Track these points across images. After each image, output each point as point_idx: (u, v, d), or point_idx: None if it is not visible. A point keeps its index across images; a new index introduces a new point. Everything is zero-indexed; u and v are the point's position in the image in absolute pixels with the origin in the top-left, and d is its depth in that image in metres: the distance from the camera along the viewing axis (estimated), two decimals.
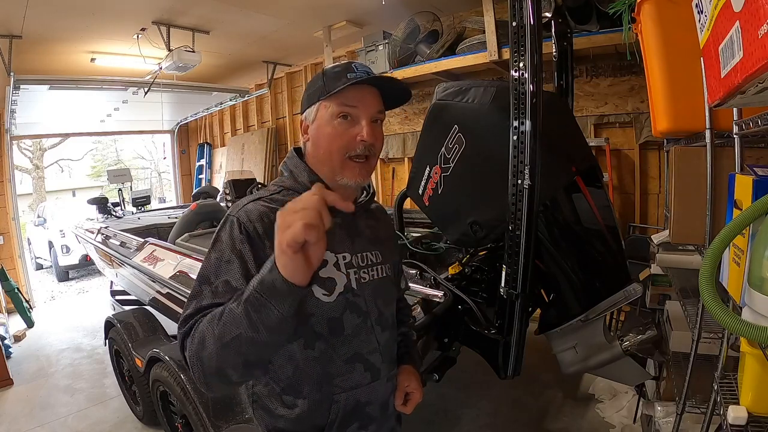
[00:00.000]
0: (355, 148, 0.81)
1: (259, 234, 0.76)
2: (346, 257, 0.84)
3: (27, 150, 12.41)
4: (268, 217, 0.78)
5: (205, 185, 6.51)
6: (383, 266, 0.91)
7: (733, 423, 0.90)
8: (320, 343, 0.81)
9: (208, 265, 0.76)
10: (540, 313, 1.71)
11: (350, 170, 0.82)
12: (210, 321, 0.66)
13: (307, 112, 0.86)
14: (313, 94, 0.85)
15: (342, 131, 0.81)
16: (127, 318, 2.52)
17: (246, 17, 3.56)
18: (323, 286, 0.80)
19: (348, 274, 0.84)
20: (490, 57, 3.01)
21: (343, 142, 0.81)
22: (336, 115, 0.81)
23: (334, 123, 0.81)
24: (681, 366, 1.59)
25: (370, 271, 0.88)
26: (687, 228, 1.35)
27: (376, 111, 0.83)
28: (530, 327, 1.55)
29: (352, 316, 0.83)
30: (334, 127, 0.81)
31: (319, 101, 0.83)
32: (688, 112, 1.29)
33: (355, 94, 0.81)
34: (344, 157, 0.81)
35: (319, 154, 0.84)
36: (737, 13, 0.62)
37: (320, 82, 0.84)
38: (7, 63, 3.43)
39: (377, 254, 0.91)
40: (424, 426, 2.28)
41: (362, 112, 0.82)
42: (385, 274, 0.92)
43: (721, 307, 0.61)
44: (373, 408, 0.87)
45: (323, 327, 0.80)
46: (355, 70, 0.82)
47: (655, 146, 2.88)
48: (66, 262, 6.46)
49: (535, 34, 1.25)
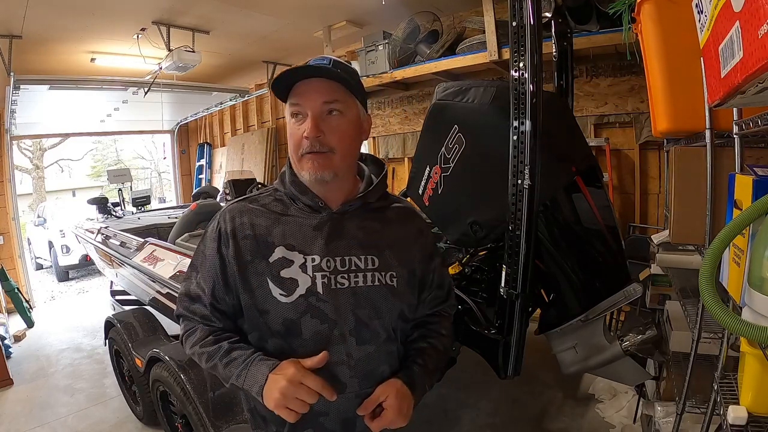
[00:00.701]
0: (303, 146, 0.80)
1: (226, 232, 0.84)
2: (315, 259, 0.81)
3: (27, 150, 12.41)
4: (241, 217, 0.86)
5: (205, 185, 6.51)
6: (380, 273, 0.84)
7: (733, 423, 0.90)
8: (275, 340, 0.83)
9: (195, 255, 0.90)
10: (540, 313, 1.71)
11: (306, 164, 0.81)
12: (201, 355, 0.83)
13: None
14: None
15: (293, 132, 0.82)
16: (127, 318, 2.52)
17: (246, 17, 3.56)
18: (282, 286, 0.81)
19: (314, 277, 0.80)
20: (490, 57, 3.01)
21: (295, 142, 0.81)
22: (291, 115, 0.82)
23: (290, 124, 0.83)
24: (681, 366, 1.59)
25: (353, 277, 0.82)
26: (687, 228, 1.35)
27: (322, 102, 0.79)
28: (530, 327, 1.55)
29: (313, 321, 0.80)
30: (290, 128, 0.83)
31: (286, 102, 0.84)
32: (688, 112, 1.29)
33: (301, 91, 0.80)
34: (300, 155, 0.81)
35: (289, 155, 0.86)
36: (737, 13, 0.62)
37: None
38: (7, 63, 3.43)
39: (371, 259, 0.83)
40: (424, 426, 2.28)
41: (307, 107, 0.79)
42: (381, 283, 0.83)
43: (721, 307, 0.61)
44: (329, 420, 0.82)
45: (279, 326, 0.82)
46: (308, 65, 0.81)
47: (655, 146, 2.88)
48: (66, 262, 6.46)
49: (535, 34, 1.25)
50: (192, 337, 0.86)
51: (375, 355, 0.83)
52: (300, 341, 0.81)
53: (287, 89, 0.81)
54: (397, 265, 0.86)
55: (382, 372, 0.85)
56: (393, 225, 0.90)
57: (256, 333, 0.85)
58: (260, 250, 0.83)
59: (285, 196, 0.88)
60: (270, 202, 0.88)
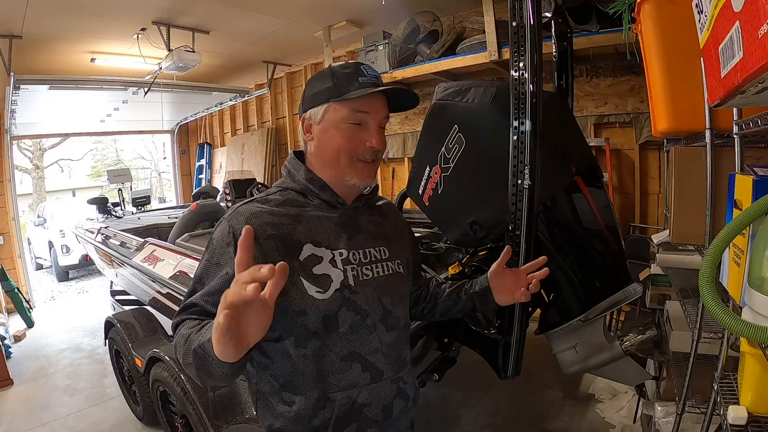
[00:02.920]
0: (364, 154, 0.83)
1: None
2: (342, 254, 0.84)
3: (27, 150, 12.40)
4: (258, 218, 0.80)
5: (205, 185, 6.51)
6: (391, 263, 0.90)
7: (733, 423, 0.90)
8: (314, 341, 0.80)
9: (200, 267, 0.81)
10: (540, 313, 1.71)
11: (359, 171, 0.83)
12: (182, 337, 0.70)
13: (312, 112, 0.84)
14: (320, 94, 0.83)
15: (352, 136, 0.82)
16: (127, 318, 2.52)
17: (246, 17, 3.56)
18: (317, 283, 0.80)
19: (345, 270, 0.83)
20: (490, 57, 3.01)
21: (352, 147, 0.82)
22: (347, 120, 0.81)
23: (343, 127, 0.82)
24: (681, 366, 1.59)
25: (375, 268, 0.87)
26: (687, 228, 1.35)
27: (383, 117, 0.85)
28: (530, 327, 1.55)
29: (348, 314, 0.82)
30: (343, 132, 0.82)
31: (329, 102, 0.82)
32: (688, 112, 1.29)
33: (367, 101, 0.82)
34: (352, 160, 0.83)
35: (326, 155, 0.84)
36: (737, 13, 0.62)
37: (329, 81, 0.83)
38: (7, 63, 3.43)
39: (383, 250, 0.90)
40: (424, 426, 2.28)
41: (372, 118, 0.83)
42: (393, 271, 0.90)
43: (721, 307, 0.61)
44: (372, 410, 0.85)
45: (318, 324, 0.80)
46: (366, 74, 0.83)
47: (655, 146, 2.88)
48: (66, 262, 6.45)
49: (535, 34, 1.25)
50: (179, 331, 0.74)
51: (399, 339, 0.90)
52: (337, 336, 0.81)
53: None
54: (401, 254, 0.94)
55: (405, 356, 0.92)
56: (389, 218, 0.98)
57: (292, 337, 0.80)
58: (288, 249, 0.80)
59: (299, 194, 0.86)
60: (283, 201, 0.85)
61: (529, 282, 0.99)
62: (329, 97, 0.82)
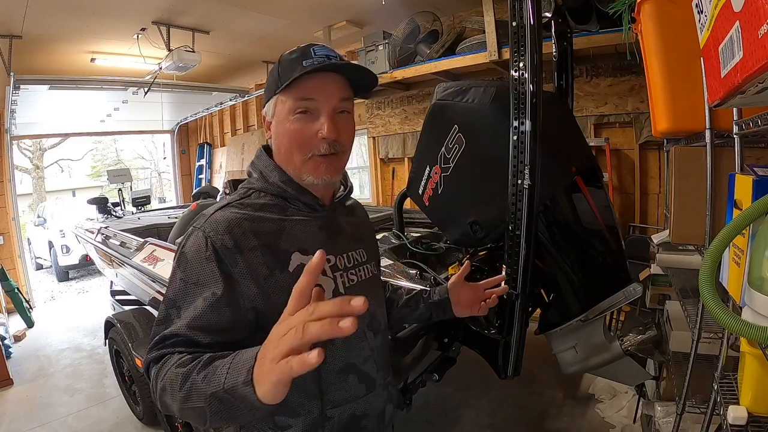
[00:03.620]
0: (318, 147, 0.72)
1: (228, 248, 0.68)
2: (330, 260, 0.77)
3: (27, 150, 12.40)
4: (240, 226, 0.70)
5: (205, 185, 6.52)
6: (369, 265, 0.86)
7: (733, 423, 0.90)
8: None
9: (174, 287, 0.68)
10: (540, 313, 1.71)
11: (314, 167, 0.74)
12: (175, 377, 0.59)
13: (266, 107, 0.77)
14: (270, 87, 0.76)
15: (300, 128, 0.72)
16: (127, 318, 2.52)
17: (246, 17, 3.56)
18: None
19: (335, 278, 0.77)
20: (490, 57, 3.01)
21: (303, 141, 0.72)
22: (293, 111, 0.72)
23: (291, 119, 0.72)
24: (681, 366, 1.59)
25: (358, 272, 0.82)
26: (687, 228, 1.35)
27: (338, 100, 0.73)
28: (530, 327, 1.55)
29: None
30: (291, 124, 0.72)
31: (276, 95, 0.74)
32: (688, 112, 1.29)
33: (314, 84, 0.71)
34: (306, 157, 0.74)
35: (281, 153, 0.77)
36: (737, 13, 0.62)
37: (275, 72, 0.74)
38: (7, 63, 3.44)
39: (362, 252, 0.85)
40: (424, 426, 2.28)
41: (322, 104, 0.72)
42: (372, 274, 0.87)
43: (721, 307, 0.61)
44: (369, 421, 0.81)
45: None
46: (313, 55, 0.71)
47: (655, 146, 2.88)
48: (66, 262, 6.45)
49: (535, 34, 1.25)
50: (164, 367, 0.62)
51: (384, 343, 0.87)
52: (333, 348, 0.75)
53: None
54: (374, 254, 0.91)
55: (388, 359, 0.89)
56: (359, 218, 0.94)
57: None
58: (276, 260, 0.71)
59: (277, 198, 0.78)
60: (262, 206, 0.76)
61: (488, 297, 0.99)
62: (276, 89, 0.73)
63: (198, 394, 0.56)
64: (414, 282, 1.63)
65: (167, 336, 0.64)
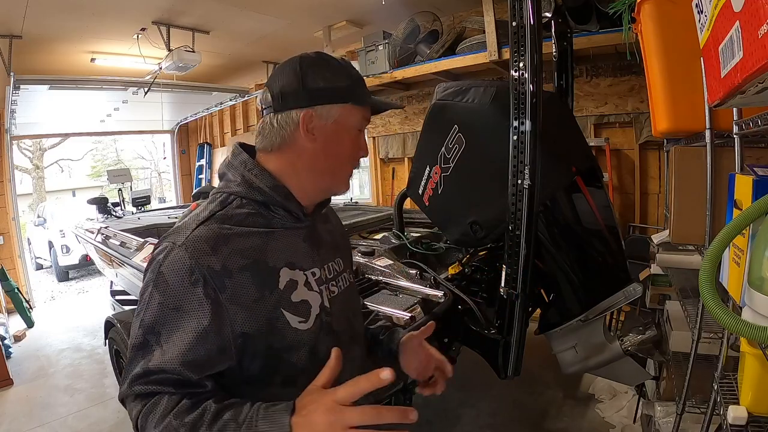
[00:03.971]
0: (358, 162, 0.79)
1: (216, 271, 0.63)
2: (315, 273, 0.75)
3: (27, 150, 12.40)
4: (227, 244, 0.65)
5: (205, 185, 6.52)
6: (346, 273, 0.84)
7: (733, 423, 0.90)
8: (302, 378, 0.64)
9: (151, 309, 0.62)
10: (540, 313, 1.71)
11: (346, 180, 0.78)
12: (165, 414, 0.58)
13: (324, 109, 0.70)
14: (338, 91, 0.71)
15: (357, 143, 0.76)
16: (127, 318, 2.51)
17: (246, 17, 3.56)
18: (297, 312, 0.69)
19: (321, 291, 0.75)
20: (490, 57, 3.00)
21: (356, 155, 0.77)
22: (357, 126, 0.75)
23: (354, 133, 0.74)
24: (681, 366, 1.59)
25: (338, 283, 0.80)
26: (687, 228, 1.35)
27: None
28: (530, 327, 1.55)
29: (327, 338, 0.73)
30: (353, 138, 0.74)
31: (348, 104, 0.72)
32: (688, 112, 1.29)
33: (368, 110, 0.77)
34: (351, 169, 0.78)
35: (328, 161, 0.73)
36: (737, 13, 0.62)
37: (346, 79, 0.72)
38: (7, 63, 3.44)
39: (339, 262, 0.83)
40: (424, 426, 2.28)
41: (365, 129, 0.79)
42: (349, 282, 0.85)
43: (721, 307, 0.61)
44: None
45: (305, 359, 0.70)
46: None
47: (655, 146, 2.88)
48: (66, 262, 6.45)
49: (535, 34, 1.25)
50: (156, 410, 0.59)
51: (363, 353, 0.86)
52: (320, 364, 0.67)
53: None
54: (348, 262, 0.89)
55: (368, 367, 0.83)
56: (334, 223, 0.91)
57: (278, 377, 0.69)
58: (265, 279, 0.67)
59: (260, 206, 0.72)
60: (246, 216, 0.70)
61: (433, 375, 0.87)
62: (347, 98, 0.71)
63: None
64: (414, 282, 1.64)
65: (152, 371, 0.60)
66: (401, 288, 1.62)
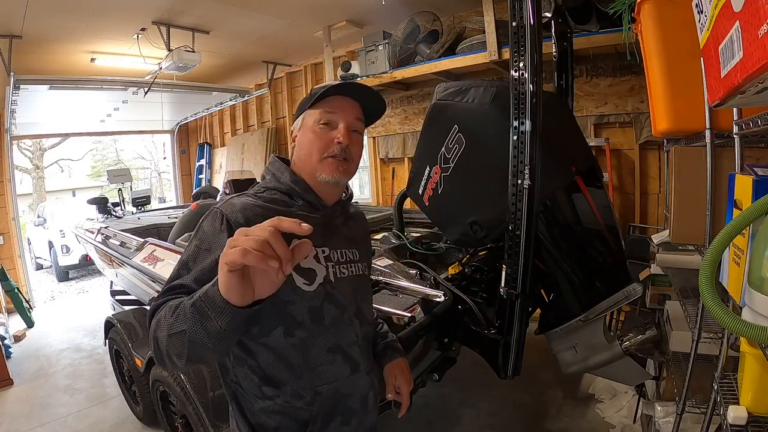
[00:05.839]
0: (333, 149, 0.88)
1: (240, 224, 0.79)
2: (325, 251, 0.89)
3: (27, 150, 12.40)
4: (252, 210, 0.83)
5: (205, 185, 6.52)
6: (361, 264, 0.97)
7: (733, 423, 0.91)
8: (300, 332, 0.82)
9: (188, 252, 0.81)
10: (540, 313, 1.71)
11: (327, 167, 0.88)
12: (169, 308, 0.69)
13: (295, 123, 0.95)
14: (301, 107, 0.94)
15: (322, 134, 0.89)
16: (127, 318, 2.52)
17: (246, 17, 3.56)
18: (303, 275, 0.83)
19: (327, 266, 0.88)
20: (490, 57, 3.01)
21: (322, 144, 0.88)
22: (318, 122, 0.89)
23: (315, 128, 0.89)
24: (681, 366, 1.59)
25: (349, 267, 0.93)
26: (687, 228, 1.35)
27: (354, 118, 0.91)
28: (530, 327, 1.55)
29: (330, 307, 0.86)
30: (315, 132, 0.89)
31: (306, 111, 0.92)
32: (688, 112, 1.29)
33: (336, 104, 0.90)
34: (322, 156, 0.88)
35: (302, 154, 0.91)
36: (737, 13, 0.62)
37: (308, 100, 0.92)
38: (7, 63, 3.43)
39: (355, 252, 0.96)
40: (424, 426, 2.28)
41: (340, 117, 0.89)
42: (362, 272, 0.97)
43: (721, 307, 0.61)
44: (353, 401, 0.89)
45: (304, 315, 0.83)
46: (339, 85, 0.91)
47: (655, 146, 2.88)
48: (66, 262, 6.45)
49: (535, 34, 1.25)
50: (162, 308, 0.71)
51: (368, 334, 0.99)
52: (322, 328, 0.85)
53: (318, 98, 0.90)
54: (366, 258, 1.02)
55: (371, 351, 1.00)
56: (358, 223, 1.05)
57: (281, 327, 0.82)
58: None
59: (284, 195, 0.91)
60: (271, 199, 0.89)
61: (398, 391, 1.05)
62: (305, 108, 0.92)
63: (183, 316, 0.65)
64: (414, 282, 1.64)
65: (174, 287, 0.76)
66: (401, 288, 1.62)
